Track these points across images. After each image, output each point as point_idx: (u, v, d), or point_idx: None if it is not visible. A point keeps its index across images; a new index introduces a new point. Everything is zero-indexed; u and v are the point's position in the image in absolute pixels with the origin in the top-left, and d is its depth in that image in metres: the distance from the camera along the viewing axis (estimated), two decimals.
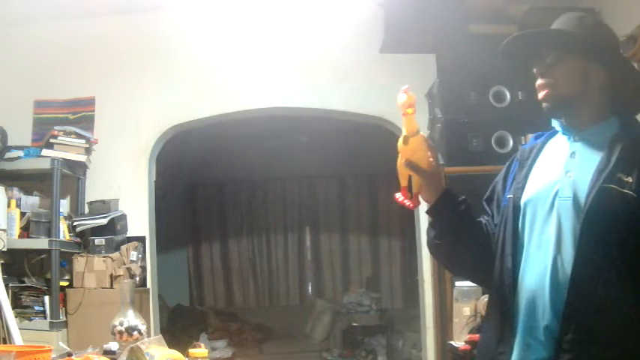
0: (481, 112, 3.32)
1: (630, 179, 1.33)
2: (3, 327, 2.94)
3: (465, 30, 3.44)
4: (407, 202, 1.49)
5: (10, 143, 3.60)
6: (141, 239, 3.70)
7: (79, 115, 3.86)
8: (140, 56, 3.92)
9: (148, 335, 2.37)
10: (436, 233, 1.52)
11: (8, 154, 3.53)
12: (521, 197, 1.46)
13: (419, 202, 1.50)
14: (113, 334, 2.28)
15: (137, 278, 3.49)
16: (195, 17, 3.92)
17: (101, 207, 3.62)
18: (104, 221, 3.55)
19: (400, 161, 1.47)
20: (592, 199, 1.34)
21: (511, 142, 3.30)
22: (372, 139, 4.59)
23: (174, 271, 6.74)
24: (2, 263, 3.21)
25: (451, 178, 3.22)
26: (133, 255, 3.54)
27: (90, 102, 3.89)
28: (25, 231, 3.42)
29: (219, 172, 7.12)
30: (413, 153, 1.45)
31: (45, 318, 3.33)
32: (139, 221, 3.78)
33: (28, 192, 3.53)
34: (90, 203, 3.69)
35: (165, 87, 3.92)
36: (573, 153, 1.44)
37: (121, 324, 2.28)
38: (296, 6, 3.91)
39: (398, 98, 1.44)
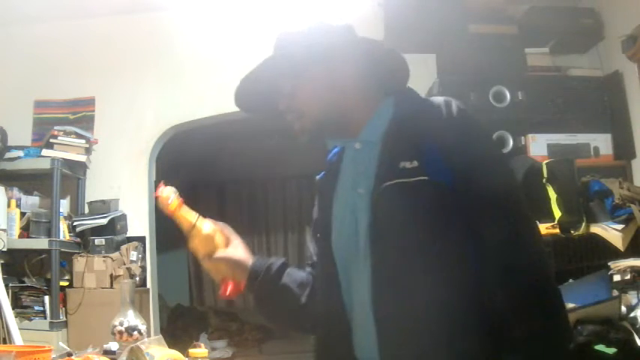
0: (481, 112, 3.31)
1: (415, 163, 1.12)
2: (3, 327, 2.94)
3: (465, 30, 3.44)
4: (234, 289, 1.34)
5: (10, 143, 3.60)
6: (141, 239, 3.69)
7: (79, 115, 3.86)
8: (140, 56, 3.92)
9: (148, 335, 2.37)
10: (260, 305, 1.36)
11: (8, 154, 3.52)
12: (330, 237, 1.27)
13: (242, 286, 1.34)
14: (113, 334, 2.28)
15: (137, 278, 3.49)
16: (195, 17, 3.92)
17: (101, 207, 3.62)
18: (104, 221, 3.55)
19: (204, 260, 1.32)
20: (377, 207, 1.13)
21: (511, 142, 3.30)
22: None
23: (174, 271, 6.73)
24: (2, 263, 3.21)
25: None
26: (133, 255, 3.54)
27: (90, 102, 3.89)
28: (25, 231, 3.42)
29: (219, 172, 7.11)
30: (207, 243, 1.32)
31: (45, 318, 3.33)
32: (139, 221, 3.77)
33: (28, 192, 3.53)
34: (90, 203, 3.69)
35: (165, 87, 3.92)
36: (356, 163, 1.26)
37: (121, 324, 2.28)
38: (296, 6, 3.91)
39: (159, 200, 1.31)
